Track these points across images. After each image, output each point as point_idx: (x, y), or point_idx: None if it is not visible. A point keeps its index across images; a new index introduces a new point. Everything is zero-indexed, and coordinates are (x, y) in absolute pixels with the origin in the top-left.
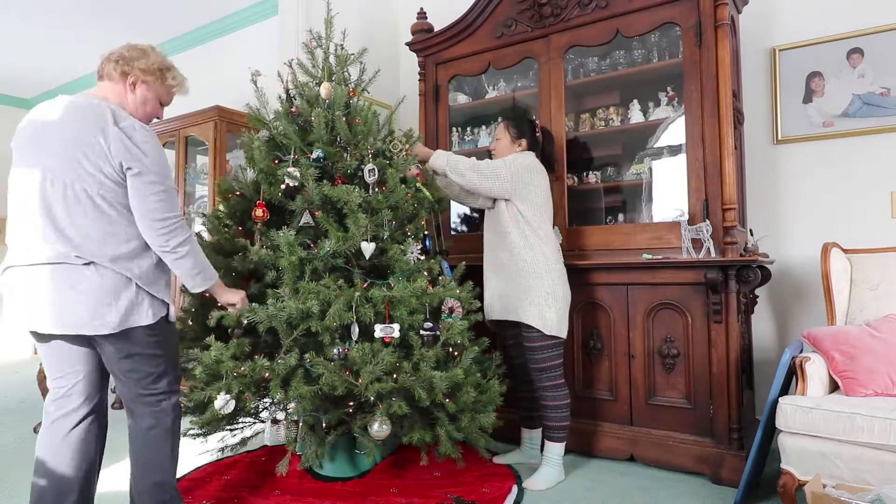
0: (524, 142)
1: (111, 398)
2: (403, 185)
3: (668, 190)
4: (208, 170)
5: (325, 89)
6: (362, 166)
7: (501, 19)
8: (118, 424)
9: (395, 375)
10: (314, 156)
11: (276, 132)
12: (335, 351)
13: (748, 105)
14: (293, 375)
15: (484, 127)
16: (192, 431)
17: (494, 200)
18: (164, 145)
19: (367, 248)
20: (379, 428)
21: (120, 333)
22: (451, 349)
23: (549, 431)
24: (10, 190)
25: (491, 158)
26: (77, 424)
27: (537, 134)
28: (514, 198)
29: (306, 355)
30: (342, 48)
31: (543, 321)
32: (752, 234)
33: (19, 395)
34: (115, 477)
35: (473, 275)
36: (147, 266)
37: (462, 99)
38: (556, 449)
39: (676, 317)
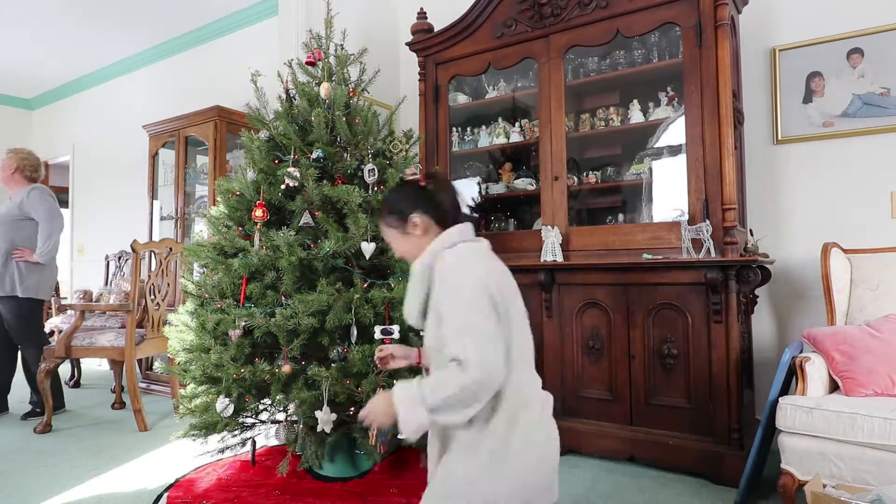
0: (419, 219)
1: (111, 398)
2: None
3: (668, 190)
4: (208, 170)
5: (324, 89)
6: (362, 166)
7: (501, 19)
8: (118, 425)
9: (394, 377)
10: (314, 156)
11: (276, 132)
12: (335, 352)
13: (748, 105)
14: (294, 380)
15: (484, 127)
16: (192, 432)
17: None
18: (164, 145)
19: (367, 248)
20: None
21: None
22: None
23: None
24: None
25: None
26: None
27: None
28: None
29: (308, 369)
30: (342, 48)
31: None
32: (752, 234)
33: (19, 395)
34: (116, 478)
35: None
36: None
37: (462, 99)
38: None
39: (676, 317)
